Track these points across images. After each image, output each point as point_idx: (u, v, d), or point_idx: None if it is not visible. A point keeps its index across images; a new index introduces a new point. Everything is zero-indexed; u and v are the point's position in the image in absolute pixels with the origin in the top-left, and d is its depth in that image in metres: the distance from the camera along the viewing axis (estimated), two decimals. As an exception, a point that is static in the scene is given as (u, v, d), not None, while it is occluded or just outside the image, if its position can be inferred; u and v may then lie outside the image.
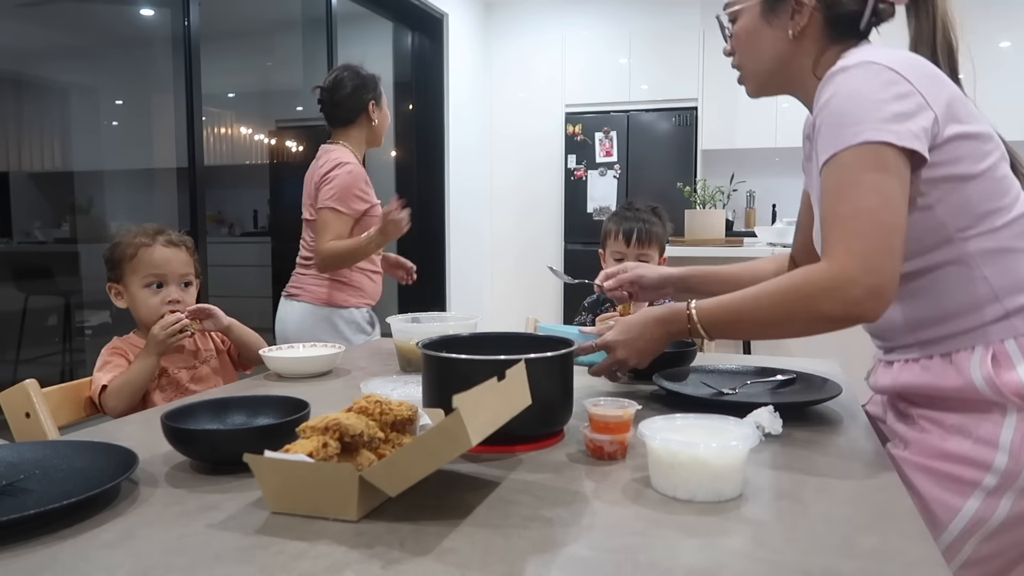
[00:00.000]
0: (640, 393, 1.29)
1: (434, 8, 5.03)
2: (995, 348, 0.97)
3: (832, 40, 1.10)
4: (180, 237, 1.64)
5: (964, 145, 0.97)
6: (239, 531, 0.73)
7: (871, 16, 1.08)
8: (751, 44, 1.15)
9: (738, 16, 1.16)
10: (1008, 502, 0.95)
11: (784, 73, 1.14)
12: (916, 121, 0.94)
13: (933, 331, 1.02)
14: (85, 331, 4.48)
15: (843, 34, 1.10)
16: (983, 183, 0.98)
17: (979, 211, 0.98)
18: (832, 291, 0.94)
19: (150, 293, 1.57)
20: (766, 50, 1.14)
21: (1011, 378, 0.95)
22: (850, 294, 0.92)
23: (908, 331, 1.05)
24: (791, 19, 1.10)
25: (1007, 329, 0.97)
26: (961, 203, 0.98)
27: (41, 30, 4.66)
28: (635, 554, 0.68)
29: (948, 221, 0.98)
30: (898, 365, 1.07)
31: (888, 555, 0.67)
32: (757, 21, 1.13)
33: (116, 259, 1.59)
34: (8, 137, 5.05)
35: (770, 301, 1.01)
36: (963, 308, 0.99)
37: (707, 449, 0.79)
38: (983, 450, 0.96)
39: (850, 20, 1.09)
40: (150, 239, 1.58)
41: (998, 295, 0.98)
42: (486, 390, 0.75)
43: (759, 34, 1.13)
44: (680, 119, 5.27)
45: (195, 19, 3.27)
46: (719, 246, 3.60)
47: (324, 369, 1.51)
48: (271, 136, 7.18)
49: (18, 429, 1.34)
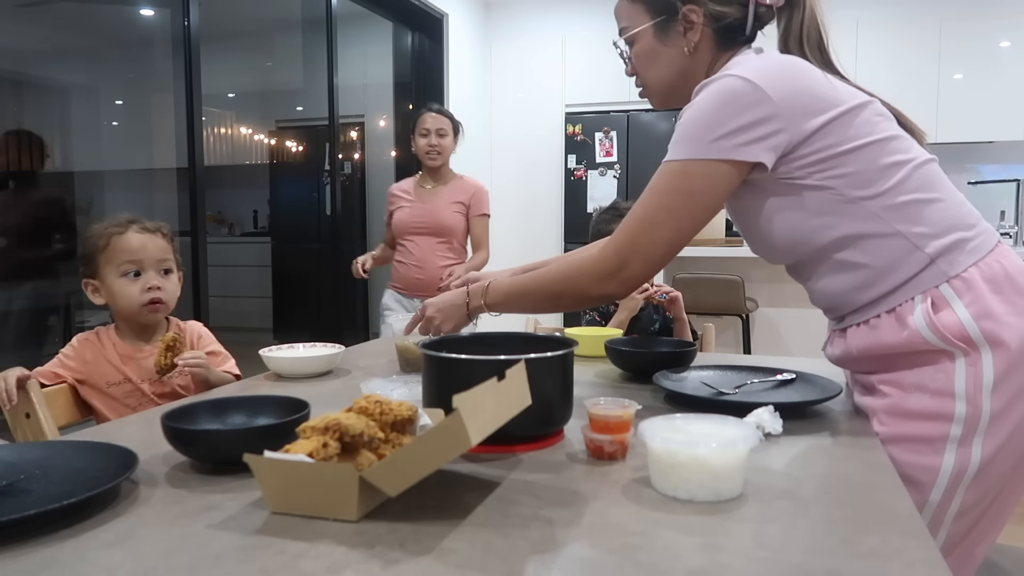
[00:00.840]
0: (640, 393, 1.29)
1: (434, 8, 5.03)
2: (932, 294, 1.03)
3: (723, 48, 1.19)
4: (155, 224, 1.55)
5: (838, 125, 1.04)
6: (239, 531, 0.73)
7: (754, 21, 1.16)
8: (651, 64, 1.23)
9: (634, 40, 1.23)
10: (978, 446, 1.00)
11: (685, 86, 1.19)
12: (760, 131, 1.03)
13: (871, 292, 1.07)
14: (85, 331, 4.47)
15: (732, 41, 1.18)
16: (867, 152, 1.04)
17: (871, 176, 1.04)
18: (594, 278, 1.16)
19: (128, 282, 1.49)
20: (665, 68, 1.22)
21: (951, 320, 1.00)
22: (605, 283, 1.15)
23: (850, 298, 1.11)
24: (684, 36, 1.18)
25: (937, 274, 1.03)
26: (851, 174, 1.04)
27: (41, 30, 4.66)
28: (635, 554, 0.68)
29: (847, 192, 1.05)
30: (851, 331, 1.13)
31: (888, 555, 0.67)
32: (652, 42, 1.21)
33: (89, 253, 1.50)
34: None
35: (550, 279, 1.22)
36: (892, 264, 1.05)
37: (707, 449, 0.79)
38: (942, 402, 1.01)
39: (736, 28, 1.17)
40: (123, 227, 1.50)
41: (917, 245, 1.04)
42: (486, 390, 0.75)
43: (657, 54, 1.21)
44: (680, 119, 5.27)
45: (195, 19, 3.27)
46: (719, 246, 3.60)
47: (324, 369, 1.51)
48: (271, 136, 7.18)
49: (18, 429, 1.34)
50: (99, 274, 1.51)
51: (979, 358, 0.99)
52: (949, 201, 1.06)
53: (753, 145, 1.04)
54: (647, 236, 1.11)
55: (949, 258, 1.03)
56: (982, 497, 1.02)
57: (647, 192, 1.12)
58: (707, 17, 1.15)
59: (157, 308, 1.52)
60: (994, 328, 0.99)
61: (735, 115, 1.04)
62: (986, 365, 0.99)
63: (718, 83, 1.06)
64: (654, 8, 1.18)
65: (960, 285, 1.01)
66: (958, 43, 4.92)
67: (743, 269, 4.39)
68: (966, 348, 0.99)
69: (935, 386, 1.01)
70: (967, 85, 4.94)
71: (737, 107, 1.04)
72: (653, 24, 1.19)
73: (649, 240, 1.11)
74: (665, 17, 1.17)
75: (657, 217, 1.10)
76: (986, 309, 1.00)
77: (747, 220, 1.17)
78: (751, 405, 1.07)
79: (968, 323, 0.99)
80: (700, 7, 1.15)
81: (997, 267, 1.03)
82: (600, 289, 1.17)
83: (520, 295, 1.27)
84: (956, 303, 1.01)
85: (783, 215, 1.10)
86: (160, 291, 1.51)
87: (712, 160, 1.06)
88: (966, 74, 4.95)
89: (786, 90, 1.04)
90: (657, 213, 1.10)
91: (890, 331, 1.05)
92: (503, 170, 5.89)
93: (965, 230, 1.04)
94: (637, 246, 1.12)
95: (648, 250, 1.11)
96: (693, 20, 1.16)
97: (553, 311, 1.29)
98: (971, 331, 0.99)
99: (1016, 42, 4.87)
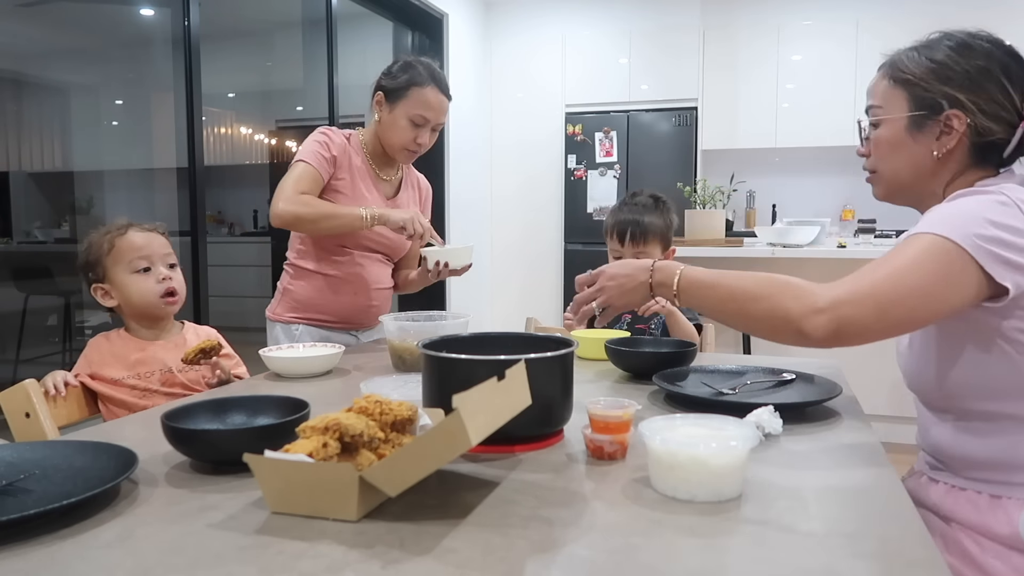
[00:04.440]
0: (640, 393, 1.29)
1: (434, 8, 5.03)
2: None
3: (973, 165, 1.09)
4: (151, 224, 1.58)
5: None
6: (239, 531, 0.73)
7: (1017, 144, 1.06)
8: (891, 154, 1.13)
9: (881, 123, 1.13)
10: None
11: (919, 187, 1.13)
12: (1009, 252, 0.94)
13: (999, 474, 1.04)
14: (85, 331, 4.48)
15: (985, 160, 1.09)
16: None
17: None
18: (804, 298, 0.97)
19: (140, 277, 1.50)
20: (906, 163, 1.12)
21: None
22: (815, 315, 0.96)
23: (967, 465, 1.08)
24: (937, 139, 1.08)
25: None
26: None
27: (41, 30, 4.66)
28: (635, 554, 0.68)
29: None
30: (943, 487, 1.11)
31: (888, 555, 0.67)
32: (902, 134, 1.11)
33: (93, 259, 1.52)
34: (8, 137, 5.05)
35: (753, 281, 1.04)
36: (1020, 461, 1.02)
37: (707, 449, 0.79)
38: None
39: (996, 148, 1.07)
40: (122, 229, 1.53)
41: None
42: (486, 390, 0.75)
43: (902, 147, 1.11)
44: (680, 119, 5.27)
45: (195, 19, 3.27)
46: (719, 246, 3.60)
47: (324, 369, 1.51)
48: (271, 136, 7.18)
49: (18, 429, 1.34)
50: (108, 276, 1.53)
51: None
52: None
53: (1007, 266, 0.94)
54: (887, 302, 0.95)
55: None
56: None
57: (909, 260, 0.96)
58: (969, 128, 1.05)
59: (174, 301, 1.55)
60: None
61: (1004, 228, 0.95)
62: None
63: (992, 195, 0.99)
64: (917, 101, 1.08)
65: None
66: (958, 43, 4.91)
67: (743, 269, 4.38)
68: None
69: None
70: None
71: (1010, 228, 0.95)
72: (909, 116, 1.09)
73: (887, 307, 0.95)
74: (926, 113, 1.08)
75: (910, 297, 0.95)
76: None
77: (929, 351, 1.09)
78: (751, 405, 1.07)
79: None
80: (967, 115, 1.05)
81: None
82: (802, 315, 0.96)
83: (711, 286, 1.08)
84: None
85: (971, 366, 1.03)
86: (172, 281, 1.54)
87: (970, 255, 0.94)
88: None
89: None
90: (911, 292, 0.95)
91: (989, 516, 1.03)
92: (503, 170, 5.89)
93: None
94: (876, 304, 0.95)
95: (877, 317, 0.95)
96: (954, 126, 1.06)
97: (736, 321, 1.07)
98: None
99: (1016, 42, 4.85)
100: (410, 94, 1.84)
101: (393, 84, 1.86)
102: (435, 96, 1.85)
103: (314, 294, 1.93)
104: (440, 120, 1.89)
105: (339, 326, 1.98)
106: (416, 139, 1.87)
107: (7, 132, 4.99)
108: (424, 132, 1.88)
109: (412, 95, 1.84)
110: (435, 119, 1.87)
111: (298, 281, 1.95)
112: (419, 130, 1.87)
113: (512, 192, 5.88)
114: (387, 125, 1.89)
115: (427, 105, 1.85)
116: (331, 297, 1.93)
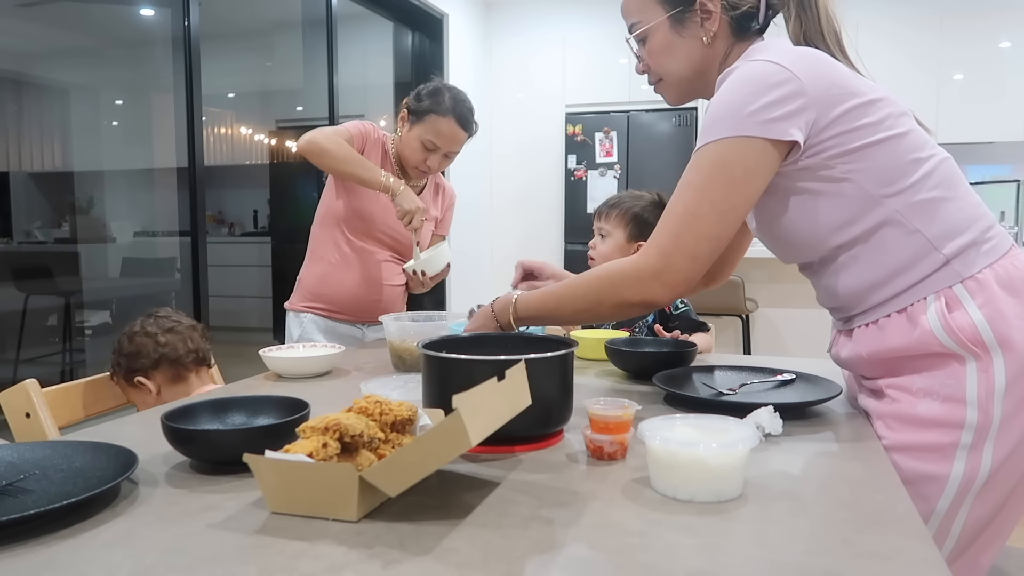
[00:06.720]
0: (640, 393, 1.29)
1: (434, 8, 5.03)
2: (945, 294, 1.01)
3: (738, 38, 1.17)
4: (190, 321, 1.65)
5: (862, 115, 1.03)
6: (239, 531, 0.73)
7: (767, 10, 1.15)
8: (667, 57, 1.20)
9: (648, 34, 1.20)
10: (988, 453, 0.98)
11: (701, 78, 1.19)
12: (789, 107, 1.01)
13: (884, 291, 1.06)
14: (85, 331, 4.48)
15: (747, 30, 1.16)
16: (891, 145, 1.03)
17: (894, 171, 1.03)
18: (634, 282, 1.10)
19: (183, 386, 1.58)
20: (683, 60, 1.19)
21: (964, 321, 0.99)
22: (648, 286, 1.09)
23: (861, 297, 1.09)
24: (701, 27, 1.15)
25: (951, 275, 1.02)
26: (875, 168, 1.03)
27: (41, 30, 4.66)
28: (635, 554, 0.68)
29: (868, 187, 1.03)
30: (858, 332, 1.12)
31: (888, 555, 0.67)
32: (668, 35, 1.18)
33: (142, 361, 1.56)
34: (8, 137, 5.05)
35: (586, 288, 1.16)
36: (906, 263, 1.04)
37: (707, 449, 0.79)
38: (953, 408, 0.99)
39: (751, 16, 1.15)
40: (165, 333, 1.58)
41: (934, 244, 1.02)
42: (486, 390, 0.75)
43: (674, 47, 1.18)
44: (680, 119, 5.27)
45: (195, 19, 3.27)
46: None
47: (324, 369, 1.51)
48: (271, 136, 7.19)
49: (18, 429, 1.34)
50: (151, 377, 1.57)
51: (990, 363, 0.97)
52: (966, 200, 1.05)
53: (784, 121, 1.01)
54: (691, 231, 1.05)
55: (964, 259, 1.01)
56: (990, 505, 1.00)
57: (684, 185, 1.07)
58: (723, 5, 1.13)
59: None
60: (1006, 331, 0.97)
61: (765, 92, 1.01)
62: (997, 370, 0.97)
63: (745, 67, 1.05)
64: (670, 1, 1.16)
65: (974, 286, 1.00)
66: (958, 44, 4.92)
67: (743, 269, 4.39)
68: (978, 352, 0.97)
69: (946, 392, 1.00)
70: (967, 85, 4.94)
71: (766, 85, 1.01)
72: (669, 16, 1.16)
73: (694, 236, 1.05)
74: (681, 8, 1.15)
75: (700, 210, 1.05)
76: (999, 311, 0.98)
77: (767, 217, 1.15)
78: (751, 405, 1.07)
79: (981, 325, 0.98)
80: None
81: (1012, 270, 1.01)
82: (642, 294, 1.09)
83: (554, 307, 1.19)
84: (969, 304, 0.99)
85: (804, 211, 1.08)
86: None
87: (748, 138, 1.02)
88: (966, 75, 4.95)
89: (813, 73, 1.02)
90: (699, 206, 1.05)
91: (899, 332, 1.04)
92: (503, 170, 5.89)
93: (981, 231, 1.03)
94: (681, 243, 1.06)
95: (694, 247, 1.05)
96: (710, 9, 1.13)
97: (593, 322, 1.20)
98: (984, 333, 0.97)
99: (1016, 42, 4.87)
100: (427, 120, 1.93)
101: (416, 106, 1.96)
102: (450, 127, 1.93)
103: (322, 279, 2.03)
104: (452, 149, 1.96)
105: (345, 317, 2.06)
106: (426, 161, 1.96)
107: (7, 132, 4.99)
108: (434, 157, 1.96)
109: (429, 121, 1.93)
110: (446, 148, 1.95)
111: (309, 265, 2.07)
112: (429, 154, 1.95)
113: (512, 192, 5.89)
114: (404, 141, 1.99)
115: (439, 134, 1.93)
116: (338, 281, 2.02)
